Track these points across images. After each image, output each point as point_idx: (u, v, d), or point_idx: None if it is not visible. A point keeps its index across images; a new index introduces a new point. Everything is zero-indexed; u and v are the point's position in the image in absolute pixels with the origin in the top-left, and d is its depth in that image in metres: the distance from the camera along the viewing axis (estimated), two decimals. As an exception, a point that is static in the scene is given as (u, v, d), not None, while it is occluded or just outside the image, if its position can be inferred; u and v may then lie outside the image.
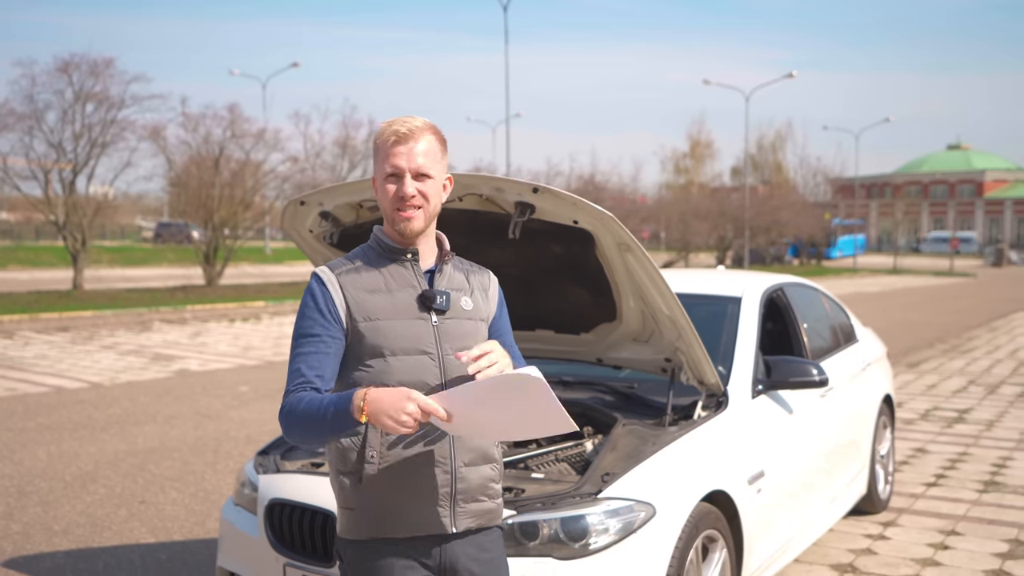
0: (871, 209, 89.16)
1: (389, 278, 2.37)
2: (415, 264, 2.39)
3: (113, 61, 22.25)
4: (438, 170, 2.38)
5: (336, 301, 2.33)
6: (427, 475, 2.30)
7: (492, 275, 2.58)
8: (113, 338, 15.25)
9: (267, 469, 3.65)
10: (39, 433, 7.97)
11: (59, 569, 4.80)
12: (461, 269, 2.50)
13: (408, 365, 2.30)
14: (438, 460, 2.31)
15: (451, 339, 2.35)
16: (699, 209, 47.49)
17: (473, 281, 2.49)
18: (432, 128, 2.39)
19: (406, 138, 2.32)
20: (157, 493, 6.18)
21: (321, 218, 3.66)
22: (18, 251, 40.79)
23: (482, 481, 2.38)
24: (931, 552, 5.03)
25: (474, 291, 2.46)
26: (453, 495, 2.33)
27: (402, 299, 2.34)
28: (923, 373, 12.13)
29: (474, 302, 2.44)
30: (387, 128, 2.35)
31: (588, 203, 3.21)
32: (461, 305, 2.40)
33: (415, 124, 2.34)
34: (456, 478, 2.33)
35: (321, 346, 2.30)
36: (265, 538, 3.44)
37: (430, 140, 2.35)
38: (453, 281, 2.44)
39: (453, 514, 2.33)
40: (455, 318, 2.38)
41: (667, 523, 3.19)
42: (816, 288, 5.72)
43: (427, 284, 2.39)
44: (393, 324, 2.32)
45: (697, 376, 3.82)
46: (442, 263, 2.43)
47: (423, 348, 2.32)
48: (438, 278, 2.40)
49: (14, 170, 22.19)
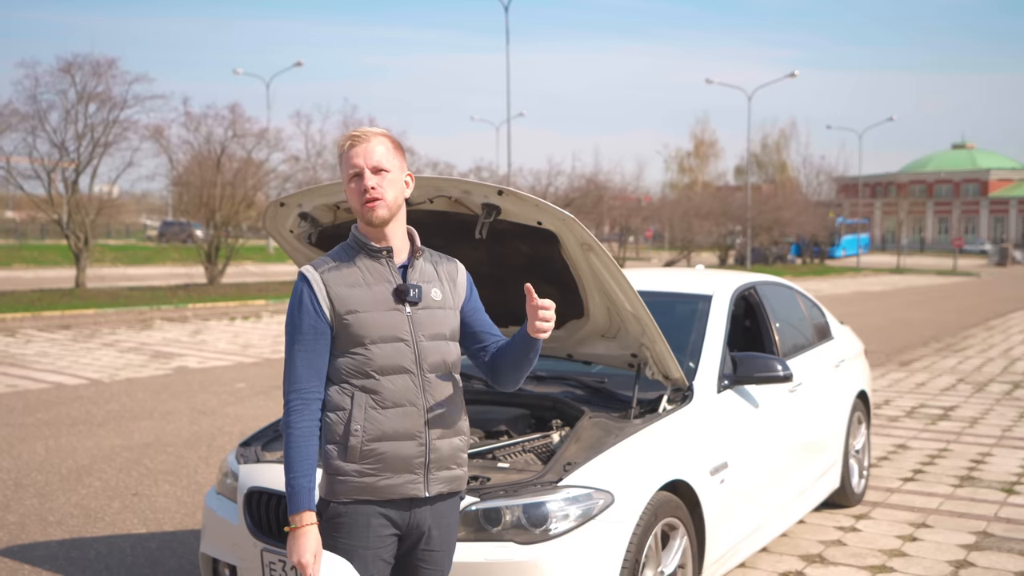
0: (875, 208, 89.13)
1: (367, 273, 2.62)
2: (389, 260, 2.64)
3: (115, 61, 22.48)
4: (395, 165, 2.62)
5: (321, 298, 2.59)
6: (405, 447, 2.58)
7: (460, 264, 2.83)
8: (114, 336, 15.43)
9: (248, 459, 3.81)
10: (38, 428, 8.14)
11: (52, 557, 4.96)
12: (431, 261, 2.74)
13: (387, 352, 2.58)
14: (415, 433, 2.59)
15: (424, 327, 2.63)
16: (701, 208, 47.61)
17: (442, 272, 2.74)
18: (385, 134, 2.66)
19: (361, 140, 2.60)
20: (150, 486, 6.34)
21: (300, 219, 3.82)
22: (23, 250, 41.04)
23: (452, 451, 2.67)
24: (899, 544, 5.17)
25: (443, 281, 2.72)
26: (427, 464, 2.61)
27: (379, 292, 2.60)
28: (914, 371, 12.26)
29: (443, 292, 2.70)
30: (344, 137, 2.66)
31: (550, 205, 3.36)
32: (432, 296, 2.66)
33: (369, 130, 2.63)
34: (430, 449, 2.61)
35: (310, 344, 2.58)
36: (244, 525, 3.60)
37: (383, 141, 2.62)
38: (424, 274, 2.69)
39: (427, 480, 2.62)
40: (427, 308, 2.65)
41: (625, 510, 3.34)
42: (791, 287, 5.86)
43: (401, 278, 2.64)
44: (372, 315, 2.58)
45: (662, 371, 3.97)
46: (414, 258, 2.68)
47: (399, 336, 2.59)
48: (411, 272, 2.66)
49: (17, 169, 22.39)
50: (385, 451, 2.57)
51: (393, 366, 2.58)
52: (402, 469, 2.58)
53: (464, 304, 2.77)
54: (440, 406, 2.64)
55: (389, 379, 2.58)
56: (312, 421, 2.57)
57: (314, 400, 2.58)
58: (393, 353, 2.58)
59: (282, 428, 2.60)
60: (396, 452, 2.58)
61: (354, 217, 3.77)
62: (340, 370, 2.59)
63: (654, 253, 60.21)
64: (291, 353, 2.60)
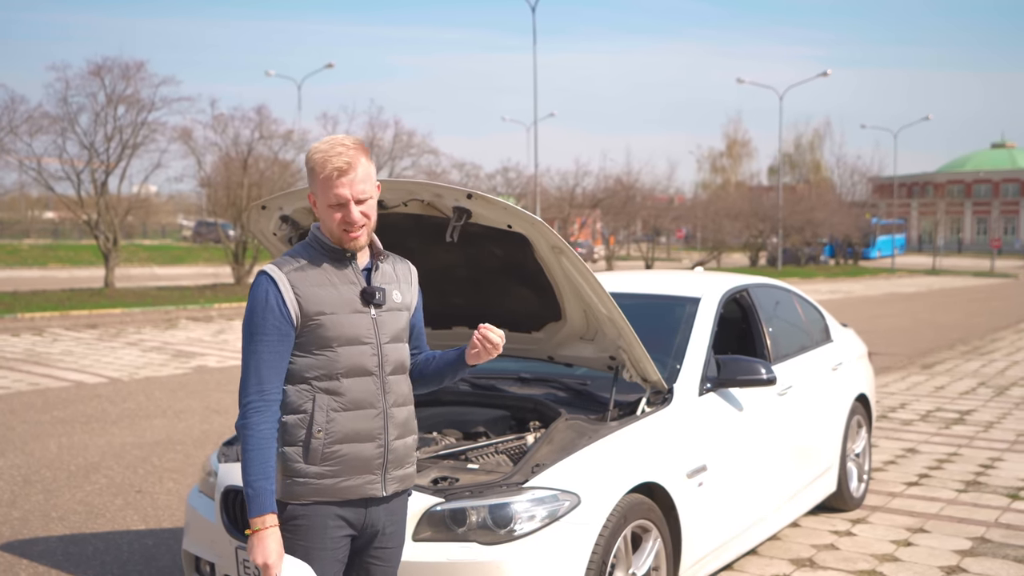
0: (912, 209, 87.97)
1: (332, 274, 2.62)
2: (353, 262, 2.66)
3: (144, 64, 22.84)
4: (373, 188, 2.63)
5: (288, 299, 2.56)
6: (365, 448, 2.61)
7: (412, 266, 2.85)
8: (139, 335, 15.66)
9: (228, 458, 3.87)
10: (53, 426, 8.30)
11: (50, 553, 5.06)
12: (388, 262, 2.76)
13: (351, 354, 2.59)
14: (375, 435, 2.62)
15: (386, 329, 2.66)
16: (731, 208, 47.28)
17: (400, 273, 2.77)
18: (362, 149, 2.61)
19: (346, 171, 2.53)
20: (155, 483, 6.44)
21: (281, 221, 3.86)
22: (59, 249, 41.77)
23: (406, 450, 2.72)
24: (893, 548, 5.12)
25: (400, 283, 2.75)
26: (385, 464, 2.65)
27: (346, 294, 2.61)
28: (935, 375, 12.11)
29: (402, 293, 2.74)
30: (325, 159, 2.54)
31: (518, 208, 3.39)
32: (393, 298, 2.70)
33: (350, 153, 2.54)
34: (388, 449, 2.65)
35: (274, 345, 2.55)
36: (220, 523, 3.65)
37: (365, 164, 2.58)
38: (385, 276, 2.72)
39: (384, 480, 2.65)
40: (390, 310, 2.68)
41: (591, 512, 3.35)
42: (788, 289, 5.83)
43: (365, 281, 2.66)
44: (339, 318, 2.59)
45: (640, 374, 3.97)
46: (377, 261, 2.70)
47: (364, 338, 2.61)
48: (375, 275, 2.68)
49: (48, 171, 22.80)
50: (346, 453, 2.58)
51: (357, 368, 2.59)
52: (362, 470, 2.61)
53: (415, 306, 2.83)
54: (398, 407, 2.67)
55: (353, 381, 2.59)
56: (272, 423, 2.55)
57: (274, 402, 2.56)
58: (357, 355, 2.59)
59: (238, 430, 2.56)
60: (357, 454, 2.59)
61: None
62: (302, 371, 2.58)
63: (685, 253, 59.92)
64: (254, 353, 2.55)
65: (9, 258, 38.10)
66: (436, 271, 3.93)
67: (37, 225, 52.64)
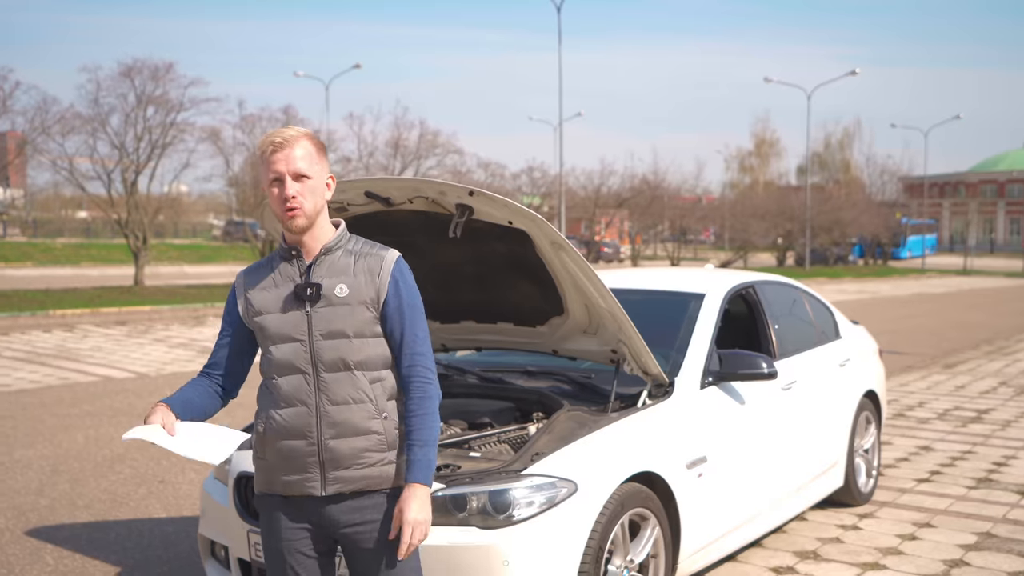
0: (943, 208, 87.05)
1: (278, 275, 2.67)
2: (299, 260, 2.64)
3: (173, 65, 23.19)
4: (316, 171, 2.60)
5: (237, 300, 2.73)
6: (296, 446, 2.62)
7: (388, 257, 2.65)
8: (166, 332, 15.94)
9: (241, 446, 4.00)
10: (81, 419, 8.52)
11: (75, 538, 5.24)
12: (353, 252, 2.65)
13: (284, 352, 2.62)
14: (305, 433, 2.60)
15: (323, 325, 2.59)
16: (758, 208, 47.08)
17: (360, 266, 2.63)
18: (308, 135, 2.63)
19: (282, 146, 2.57)
20: (177, 474, 6.62)
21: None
22: (91, 248, 42.43)
23: (352, 451, 2.59)
24: (898, 542, 5.18)
25: (358, 275, 2.61)
26: (322, 463, 2.60)
27: (282, 293, 2.64)
28: (957, 374, 12.08)
29: (353, 287, 2.60)
30: (266, 139, 2.61)
31: (518, 205, 3.50)
32: (335, 292, 2.59)
33: (291, 133, 2.60)
34: (322, 448, 2.59)
35: (222, 339, 2.78)
36: (233, 508, 3.80)
37: (306, 145, 2.59)
38: (334, 268, 2.62)
39: (323, 479, 2.61)
40: (329, 305, 2.60)
41: (588, 499, 3.45)
42: (797, 287, 5.89)
43: (305, 277, 2.62)
44: (274, 317, 2.64)
45: (641, 367, 4.07)
46: (320, 255, 2.62)
47: (295, 336, 2.61)
48: (315, 269, 2.62)
49: (79, 170, 23.22)
50: (280, 448, 2.63)
51: (288, 366, 2.61)
52: (296, 468, 2.62)
53: (386, 304, 2.62)
54: (336, 405, 2.58)
55: (284, 379, 2.62)
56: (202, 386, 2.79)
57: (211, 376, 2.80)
58: (289, 353, 2.61)
59: None
60: (289, 450, 2.62)
61: (342, 217, 3.96)
62: (260, 368, 2.72)
63: (712, 253, 59.74)
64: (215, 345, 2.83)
65: (43, 256, 38.79)
66: (443, 267, 4.05)
67: (70, 224, 53.44)
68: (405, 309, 2.65)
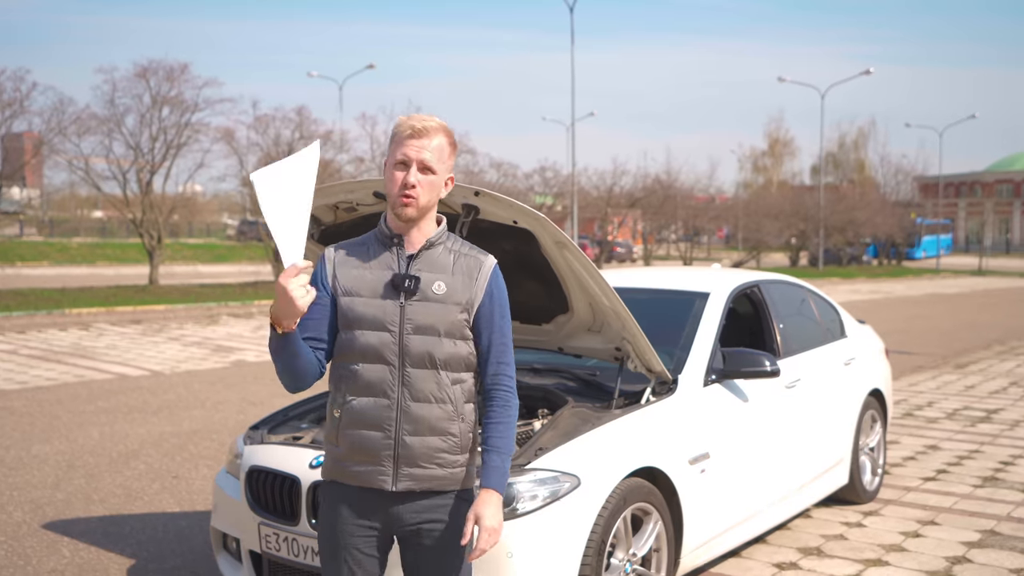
0: (959, 208, 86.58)
1: (374, 259, 2.63)
2: (400, 248, 2.62)
3: (187, 66, 23.39)
4: (442, 168, 2.60)
5: (328, 273, 2.64)
6: (371, 436, 2.58)
7: (487, 263, 2.67)
8: (181, 331, 16.09)
9: (253, 441, 4.10)
10: (96, 415, 8.65)
11: (90, 532, 5.35)
12: (454, 252, 2.66)
13: (369, 339, 2.58)
14: (383, 425, 2.58)
15: (416, 319, 2.58)
16: (772, 208, 46.99)
17: (460, 265, 2.63)
18: (445, 130, 2.62)
19: (420, 133, 2.55)
20: (191, 470, 6.73)
21: (304, 217, 4.08)
22: (106, 247, 42.74)
23: (427, 450, 2.58)
24: (901, 539, 5.23)
25: (456, 275, 2.62)
26: (396, 458, 2.57)
27: (378, 278, 2.60)
28: (967, 374, 12.07)
29: (451, 286, 2.60)
30: (405, 122, 2.59)
31: (523, 205, 3.57)
32: (432, 289, 2.59)
33: (431, 123, 2.58)
34: (399, 443, 2.57)
35: (314, 309, 2.59)
36: (245, 501, 3.88)
37: (441, 140, 2.59)
38: (435, 265, 2.61)
39: (395, 474, 2.58)
40: (424, 300, 2.58)
41: (591, 493, 3.53)
42: (803, 286, 5.94)
43: (405, 268, 2.60)
44: (365, 300, 2.59)
45: (644, 364, 4.14)
46: (423, 249, 2.62)
47: (385, 325, 2.58)
48: (415, 262, 2.61)
49: (95, 170, 23.44)
50: (354, 437, 2.60)
51: (373, 354, 2.57)
52: (369, 459, 2.59)
53: (479, 310, 2.63)
54: (418, 402, 2.58)
55: (368, 367, 2.58)
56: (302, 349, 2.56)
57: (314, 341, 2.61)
58: (375, 341, 2.57)
59: None
60: (364, 440, 2.59)
61: (352, 217, 4.04)
62: (337, 349, 2.63)
63: (725, 253, 59.63)
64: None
65: (59, 256, 39.12)
66: None
67: (86, 224, 53.81)
68: (496, 317, 2.67)
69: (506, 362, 2.67)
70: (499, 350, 2.66)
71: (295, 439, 4.04)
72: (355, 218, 4.01)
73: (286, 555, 3.67)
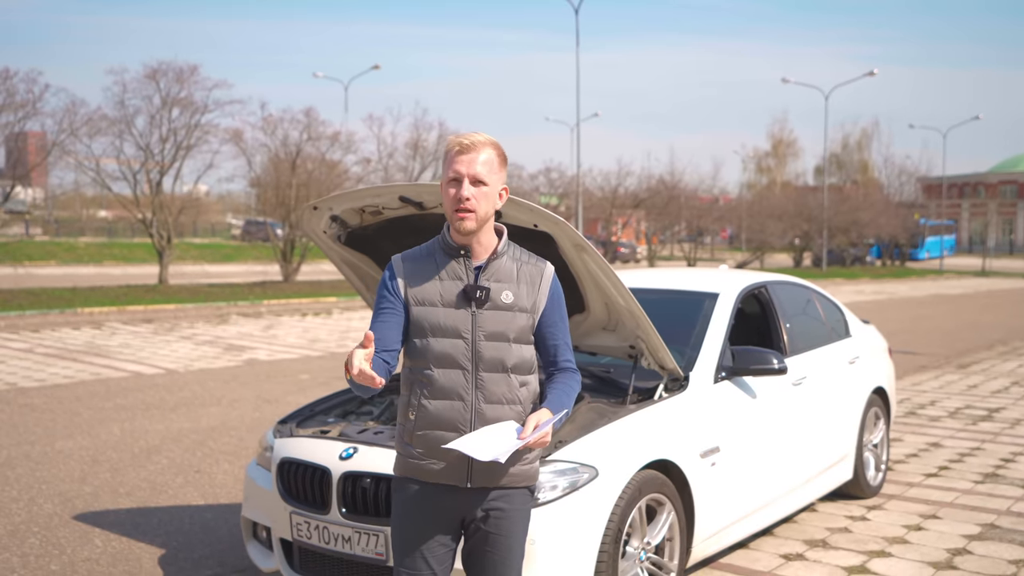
0: (962, 209, 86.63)
1: (443, 270, 2.79)
2: (467, 260, 2.79)
3: (197, 68, 23.61)
4: (494, 180, 2.76)
5: (399, 282, 2.81)
6: (447, 437, 2.73)
7: (547, 271, 2.87)
8: (192, 330, 16.29)
9: (283, 434, 4.29)
10: (115, 412, 8.84)
11: (120, 523, 5.54)
12: (516, 260, 2.84)
13: (444, 345, 2.75)
14: (458, 426, 2.74)
15: (487, 326, 2.75)
16: (775, 209, 47.13)
17: (523, 273, 2.82)
18: (493, 144, 2.78)
19: (468, 149, 2.72)
20: (212, 464, 6.91)
21: (331, 221, 4.27)
22: (113, 247, 42.97)
23: None
24: (904, 532, 5.40)
25: (520, 283, 2.80)
26: (470, 457, 2.67)
27: (449, 289, 2.77)
28: (970, 373, 12.23)
29: (517, 294, 2.79)
30: (454, 140, 2.78)
31: (542, 209, 3.74)
32: (501, 298, 2.77)
33: (478, 139, 2.75)
34: None
35: (385, 316, 2.78)
36: (276, 491, 4.07)
37: (489, 153, 2.75)
38: (501, 274, 2.79)
39: (470, 472, 2.75)
40: (494, 309, 2.76)
41: (608, 484, 3.71)
42: (808, 287, 6.12)
43: (474, 278, 2.78)
44: (438, 310, 2.76)
45: (657, 362, 4.32)
46: (490, 260, 2.79)
47: (459, 332, 2.75)
48: (484, 273, 2.78)
49: (106, 171, 23.66)
50: (430, 438, 2.75)
51: (447, 359, 2.73)
52: (444, 458, 2.73)
53: (544, 314, 2.83)
54: (490, 404, 2.74)
55: (442, 372, 2.73)
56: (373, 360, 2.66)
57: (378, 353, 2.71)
58: (449, 347, 2.73)
59: None
60: (439, 441, 2.73)
61: (377, 220, 4.22)
62: (408, 355, 2.81)
63: (728, 254, 59.77)
64: (371, 323, 2.78)
65: (66, 255, 39.37)
66: None
67: (92, 224, 54.08)
68: (558, 320, 2.88)
69: (570, 359, 2.91)
70: (564, 349, 2.89)
71: (323, 432, 4.22)
72: (380, 221, 4.19)
73: (317, 542, 3.85)
